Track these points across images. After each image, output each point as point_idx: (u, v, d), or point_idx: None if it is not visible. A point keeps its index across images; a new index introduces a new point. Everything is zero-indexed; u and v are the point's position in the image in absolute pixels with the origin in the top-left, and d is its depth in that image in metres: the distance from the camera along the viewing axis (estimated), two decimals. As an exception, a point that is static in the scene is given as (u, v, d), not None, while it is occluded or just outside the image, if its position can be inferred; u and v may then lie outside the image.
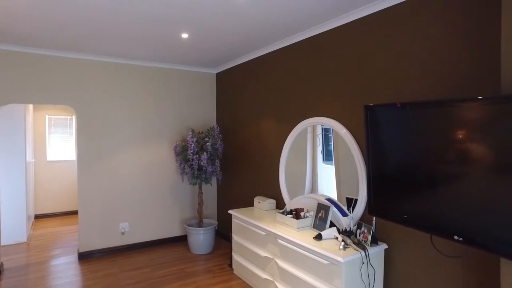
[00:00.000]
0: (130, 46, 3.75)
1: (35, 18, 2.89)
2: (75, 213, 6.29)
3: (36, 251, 4.45)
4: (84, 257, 4.12)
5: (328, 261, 2.34)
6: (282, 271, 2.82)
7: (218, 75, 5.08)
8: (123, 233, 4.39)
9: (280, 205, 3.61)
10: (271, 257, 2.98)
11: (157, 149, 4.63)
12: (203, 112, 4.99)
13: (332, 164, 3.11)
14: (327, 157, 3.22)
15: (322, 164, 3.28)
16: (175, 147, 4.30)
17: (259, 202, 3.69)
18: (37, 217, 6.02)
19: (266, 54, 3.90)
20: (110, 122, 4.30)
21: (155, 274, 3.68)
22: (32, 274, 3.72)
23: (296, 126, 3.39)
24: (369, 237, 2.44)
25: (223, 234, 4.87)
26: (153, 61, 4.49)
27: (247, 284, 3.41)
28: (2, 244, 3.83)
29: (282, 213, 3.09)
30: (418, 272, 2.32)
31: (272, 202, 3.63)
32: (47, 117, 6.10)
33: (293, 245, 2.69)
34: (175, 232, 4.77)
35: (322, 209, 2.85)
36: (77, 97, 4.10)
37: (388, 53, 2.50)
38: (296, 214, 2.97)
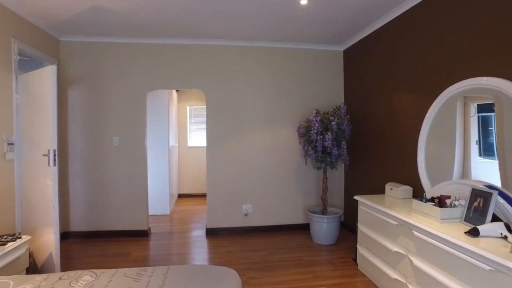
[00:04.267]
0: (249, 24, 3.71)
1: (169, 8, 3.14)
2: (210, 195, 6.88)
3: (175, 222, 5.02)
4: (211, 233, 4.36)
5: (491, 266, 1.66)
6: (418, 272, 2.22)
7: (346, 52, 4.61)
8: (246, 215, 4.46)
9: (418, 193, 2.93)
10: (404, 253, 2.40)
11: (281, 132, 4.52)
12: (330, 93, 4.62)
13: (494, 159, 2.29)
14: (486, 151, 2.42)
15: (479, 158, 2.48)
16: (299, 127, 4.08)
17: (391, 189, 3.10)
18: (180, 195, 6.84)
19: (399, 15, 3.26)
20: (234, 105, 4.42)
21: (272, 258, 3.54)
22: (171, 241, 4.17)
23: (440, 96, 2.66)
24: None
25: (349, 226, 4.38)
26: (274, 41, 4.39)
27: (373, 283, 2.89)
28: (150, 213, 4.40)
29: (420, 200, 2.46)
30: None
31: (407, 189, 2.98)
32: (188, 107, 6.87)
33: (434, 240, 2.07)
34: (298, 219, 4.56)
35: (479, 197, 2.10)
36: (206, 82, 4.37)
37: None
38: (440, 202, 2.30)
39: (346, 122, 3.86)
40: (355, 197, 3.21)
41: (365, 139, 4.05)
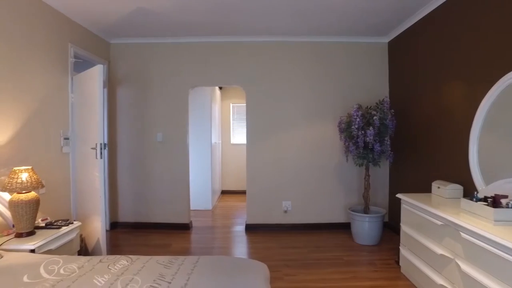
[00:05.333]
0: (286, 18, 3.65)
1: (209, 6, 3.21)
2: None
3: (217, 218, 5.12)
4: (250, 229, 4.37)
5: (550, 273, 1.45)
6: (467, 278, 2.01)
7: (391, 43, 4.35)
8: (285, 212, 4.41)
9: (469, 193, 2.64)
10: (451, 256, 2.19)
11: (322, 128, 4.40)
12: (373, 87, 4.39)
13: None
14: None
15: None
16: (339, 123, 3.93)
17: (438, 188, 2.86)
18: (223, 192, 6.96)
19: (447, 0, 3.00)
20: (274, 101, 4.39)
21: (310, 256, 3.46)
22: (211, 235, 4.28)
23: (496, 84, 2.39)
24: None
25: (393, 227, 4.13)
26: (313, 36, 4.27)
27: (416, 287, 2.69)
28: (191, 208, 4.54)
29: (470, 199, 2.23)
30: None
31: (457, 188, 2.72)
32: (231, 105, 6.97)
33: (486, 244, 1.85)
34: (338, 218, 4.41)
35: (541, 196, 1.85)
36: (245, 78, 4.40)
37: None
38: (494, 201, 2.06)
39: (390, 116, 3.64)
40: (398, 195, 3.01)
41: (411, 135, 3.79)
